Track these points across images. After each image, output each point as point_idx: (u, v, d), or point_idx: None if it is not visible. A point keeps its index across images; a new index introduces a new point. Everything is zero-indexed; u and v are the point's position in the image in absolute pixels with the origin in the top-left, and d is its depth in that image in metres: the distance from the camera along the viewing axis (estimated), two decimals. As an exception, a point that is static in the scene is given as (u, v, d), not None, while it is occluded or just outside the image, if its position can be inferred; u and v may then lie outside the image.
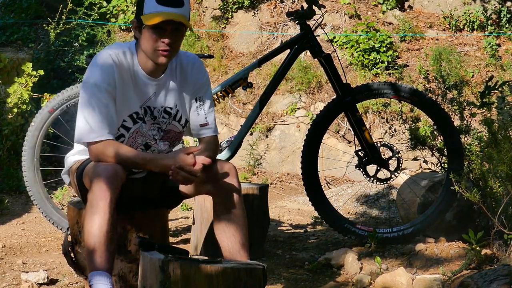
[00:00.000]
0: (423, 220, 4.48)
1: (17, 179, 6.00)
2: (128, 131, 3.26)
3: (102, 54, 3.19)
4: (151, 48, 3.16)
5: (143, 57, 3.22)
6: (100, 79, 3.14)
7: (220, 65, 8.08)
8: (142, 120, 3.27)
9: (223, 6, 8.52)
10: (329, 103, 4.51)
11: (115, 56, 3.18)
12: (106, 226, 2.98)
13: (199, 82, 3.34)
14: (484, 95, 4.45)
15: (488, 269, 3.44)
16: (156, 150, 3.34)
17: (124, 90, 3.19)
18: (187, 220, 5.45)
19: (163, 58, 3.16)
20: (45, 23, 7.74)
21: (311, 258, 4.34)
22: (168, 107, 3.30)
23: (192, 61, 3.35)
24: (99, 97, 3.13)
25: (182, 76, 3.31)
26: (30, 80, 6.23)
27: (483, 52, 7.94)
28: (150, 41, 3.15)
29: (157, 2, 3.12)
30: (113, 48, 3.22)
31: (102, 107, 3.13)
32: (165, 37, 3.14)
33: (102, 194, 2.99)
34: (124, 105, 3.21)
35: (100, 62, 3.16)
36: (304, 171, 4.47)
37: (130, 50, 3.23)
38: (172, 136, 3.37)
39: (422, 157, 4.74)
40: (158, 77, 3.26)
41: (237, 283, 2.71)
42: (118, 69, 3.17)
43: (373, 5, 8.53)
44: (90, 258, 2.99)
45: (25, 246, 4.67)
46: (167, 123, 3.32)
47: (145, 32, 3.16)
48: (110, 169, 3.05)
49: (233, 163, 3.41)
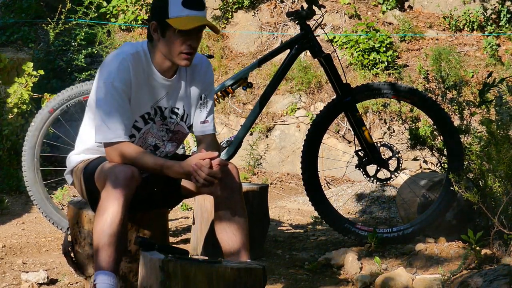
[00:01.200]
0: (423, 220, 4.48)
1: (17, 179, 6.00)
2: (139, 131, 3.27)
3: (117, 54, 3.18)
4: (176, 52, 3.15)
5: (159, 57, 3.21)
6: (117, 79, 3.13)
7: (220, 65, 8.08)
8: (152, 120, 3.28)
9: (223, 6, 8.53)
10: (329, 103, 4.51)
11: (130, 56, 3.17)
12: (117, 226, 2.97)
13: (206, 82, 3.36)
14: (483, 93, 4.45)
15: (488, 269, 3.44)
16: (164, 152, 3.35)
17: (138, 91, 3.19)
18: (187, 220, 5.46)
19: (187, 61, 3.18)
20: (45, 23, 7.74)
21: (311, 258, 4.34)
22: (176, 108, 3.31)
23: (201, 61, 3.36)
24: (116, 97, 3.13)
25: (191, 76, 3.33)
26: (30, 80, 6.24)
27: (483, 52, 7.94)
28: (176, 45, 3.14)
29: (184, 5, 3.11)
30: (128, 48, 3.21)
31: (119, 108, 3.13)
32: (191, 40, 3.15)
33: (117, 194, 2.99)
34: (137, 106, 3.21)
35: (117, 62, 3.15)
36: (304, 171, 4.47)
37: (144, 50, 3.23)
38: (180, 137, 3.39)
39: (422, 157, 4.74)
40: (171, 78, 3.26)
41: (237, 283, 2.71)
42: (133, 69, 3.16)
43: (373, 5, 8.53)
44: (97, 257, 2.97)
45: (25, 246, 4.68)
46: (175, 124, 3.33)
47: (171, 35, 3.14)
48: (128, 171, 3.05)
49: (233, 163, 3.42)
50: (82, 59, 7.48)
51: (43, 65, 7.32)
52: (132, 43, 3.30)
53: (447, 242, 4.28)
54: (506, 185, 4.03)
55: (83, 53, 7.55)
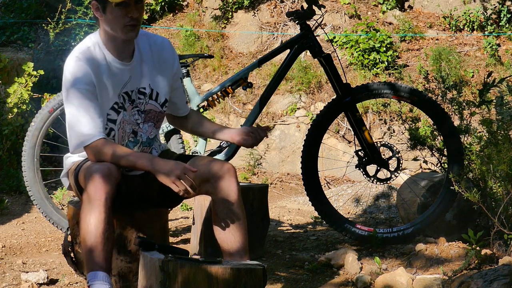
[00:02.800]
0: (423, 220, 4.48)
1: (17, 179, 6.00)
2: (115, 123, 3.27)
3: (70, 59, 3.19)
4: (120, 26, 3.17)
5: (111, 42, 3.23)
6: (78, 82, 3.14)
7: (220, 65, 8.08)
8: (123, 108, 3.28)
9: (223, 6, 8.53)
10: (329, 103, 4.51)
11: (81, 55, 3.18)
12: (102, 225, 2.98)
13: (174, 61, 3.39)
14: (483, 92, 4.45)
15: (488, 269, 3.44)
16: (144, 136, 3.35)
17: (102, 85, 3.20)
18: (187, 220, 5.46)
19: (132, 33, 3.19)
20: (44, 23, 7.75)
21: (311, 258, 4.34)
22: (142, 88, 3.31)
23: (162, 41, 3.39)
24: (82, 99, 3.14)
25: (154, 56, 3.34)
26: (30, 80, 6.24)
27: (483, 52, 7.94)
28: (117, 19, 3.16)
29: None
30: (76, 50, 3.22)
31: (88, 108, 3.14)
32: (131, 12, 3.16)
33: (97, 193, 3.00)
34: (105, 99, 3.22)
35: (72, 66, 3.17)
36: (304, 171, 4.47)
37: (95, 42, 3.24)
38: (154, 116, 3.38)
39: (422, 157, 4.74)
40: (130, 62, 3.27)
41: (237, 283, 2.71)
42: (90, 65, 3.17)
43: (373, 5, 8.53)
44: (87, 258, 2.99)
45: (25, 246, 4.68)
46: (144, 103, 3.33)
47: (110, 11, 3.16)
48: (104, 168, 3.05)
49: (233, 163, 3.42)
50: (82, 59, 7.47)
51: (43, 65, 7.33)
52: (85, 39, 3.31)
53: (447, 242, 4.28)
54: (506, 185, 4.03)
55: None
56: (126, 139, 3.31)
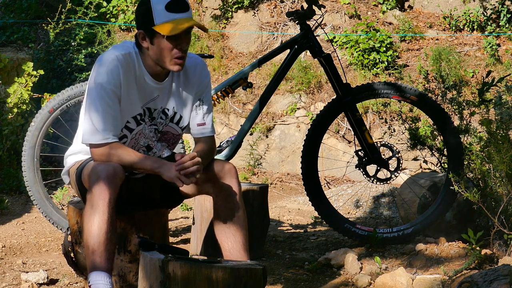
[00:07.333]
0: (423, 220, 4.48)
1: (17, 179, 6.00)
2: (131, 132, 3.26)
3: (108, 54, 3.17)
4: (168, 58, 3.13)
5: (150, 62, 3.19)
6: (106, 81, 3.12)
7: (220, 65, 8.08)
8: (144, 121, 3.27)
9: (223, 6, 8.53)
10: (329, 103, 4.51)
11: (121, 57, 3.15)
12: (105, 226, 2.98)
13: (202, 83, 3.33)
14: (483, 92, 4.45)
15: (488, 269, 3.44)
16: (156, 152, 3.34)
17: (128, 92, 3.18)
18: (187, 220, 5.46)
19: (179, 66, 3.16)
20: (44, 23, 7.74)
21: (311, 258, 4.34)
22: (166, 109, 3.30)
23: (195, 62, 3.33)
24: (105, 98, 3.12)
25: (185, 78, 3.30)
26: (30, 80, 6.24)
27: (483, 52, 7.94)
28: (166, 51, 3.12)
29: (168, 10, 3.08)
30: (119, 49, 3.19)
31: (107, 109, 3.12)
32: (181, 44, 3.13)
33: (101, 194, 2.99)
34: (128, 106, 3.20)
35: (106, 63, 3.14)
36: (304, 171, 4.47)
37: (136, 51, 3.21)
38: (170, 138, 3.37)
39: (422, 157, 4.74)
40: (162, 81, 3.25)
41: (237, 283, 2.71)
42: (123, 70, 3.15)
43: (373, 5, 8.53)
44: (89, 258, 2.99)
45: (25, 246, 4.67)
46: (164, 124, 3.32)
47: (160, 41, 3.12)
48: (110, 169, 3.05)
49: (233, 163, 3.41)
50: (82, 59, 7.48)
51: (43, 65, 7.32)
52: (127, 42, 3.29)
53: (447, 242, 4.28)
54: (506, 185, 4.03)
55: (83, 53, 7.55)
56: (136, 150, 3.29)
